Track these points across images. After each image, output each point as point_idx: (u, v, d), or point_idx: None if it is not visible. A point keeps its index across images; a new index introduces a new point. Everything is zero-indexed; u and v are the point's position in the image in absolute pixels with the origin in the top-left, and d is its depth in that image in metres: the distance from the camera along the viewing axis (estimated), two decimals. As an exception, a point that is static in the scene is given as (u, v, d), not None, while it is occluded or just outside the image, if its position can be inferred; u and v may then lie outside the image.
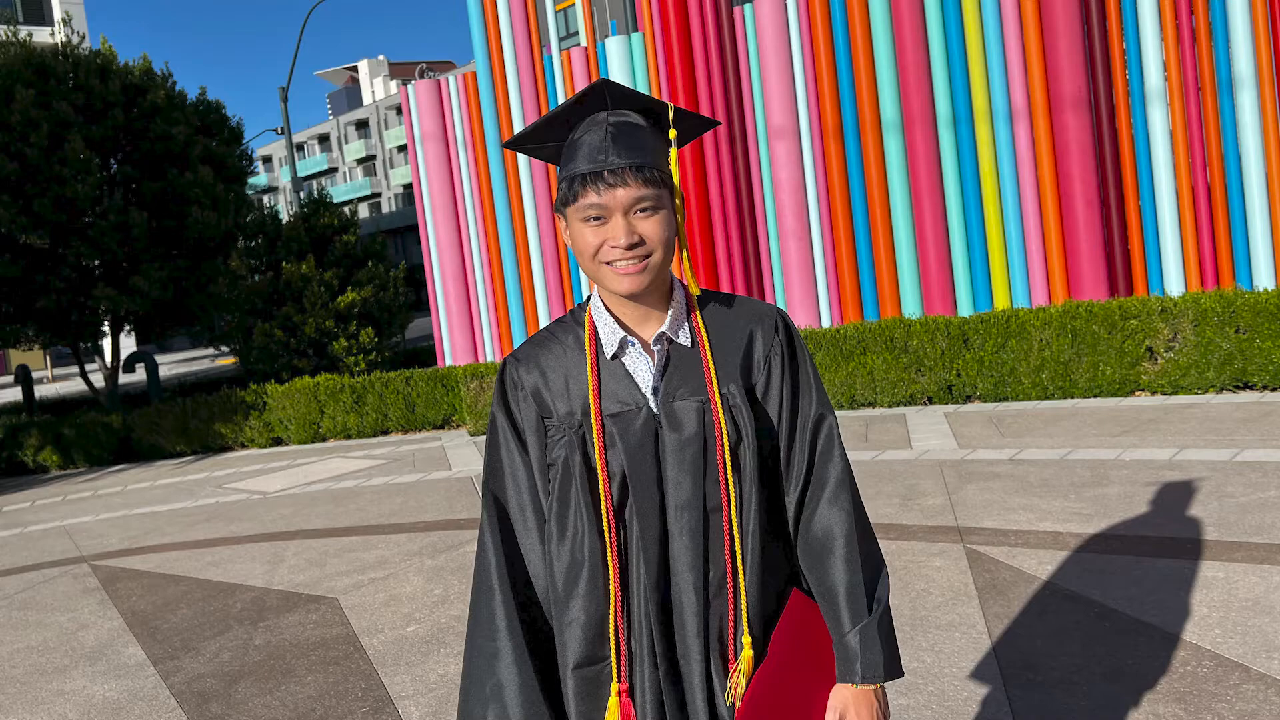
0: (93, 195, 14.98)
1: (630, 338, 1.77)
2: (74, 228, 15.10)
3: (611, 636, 1.73)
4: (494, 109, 11.89)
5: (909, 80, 9.78)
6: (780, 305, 10.38)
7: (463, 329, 12.58)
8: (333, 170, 77.35)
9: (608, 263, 1.70)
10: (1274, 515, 4.96)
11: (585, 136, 1.71)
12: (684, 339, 1.78)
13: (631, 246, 1.67)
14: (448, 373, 11.61)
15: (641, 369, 1.77)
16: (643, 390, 1.76)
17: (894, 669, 1.73)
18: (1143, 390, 8.29)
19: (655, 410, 1.75)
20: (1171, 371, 8.05)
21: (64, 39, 16.16)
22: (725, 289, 10.64)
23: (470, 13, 11.86)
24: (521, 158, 11.72)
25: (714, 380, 1.74)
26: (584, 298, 1.85)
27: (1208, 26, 8.85)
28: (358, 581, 5.93)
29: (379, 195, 73.27)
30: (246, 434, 12.57)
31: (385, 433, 12.02)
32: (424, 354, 15.71)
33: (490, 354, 12.43)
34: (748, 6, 10.52)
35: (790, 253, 10.38)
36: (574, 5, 41.84)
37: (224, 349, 17.17)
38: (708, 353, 1.76)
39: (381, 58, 77.26)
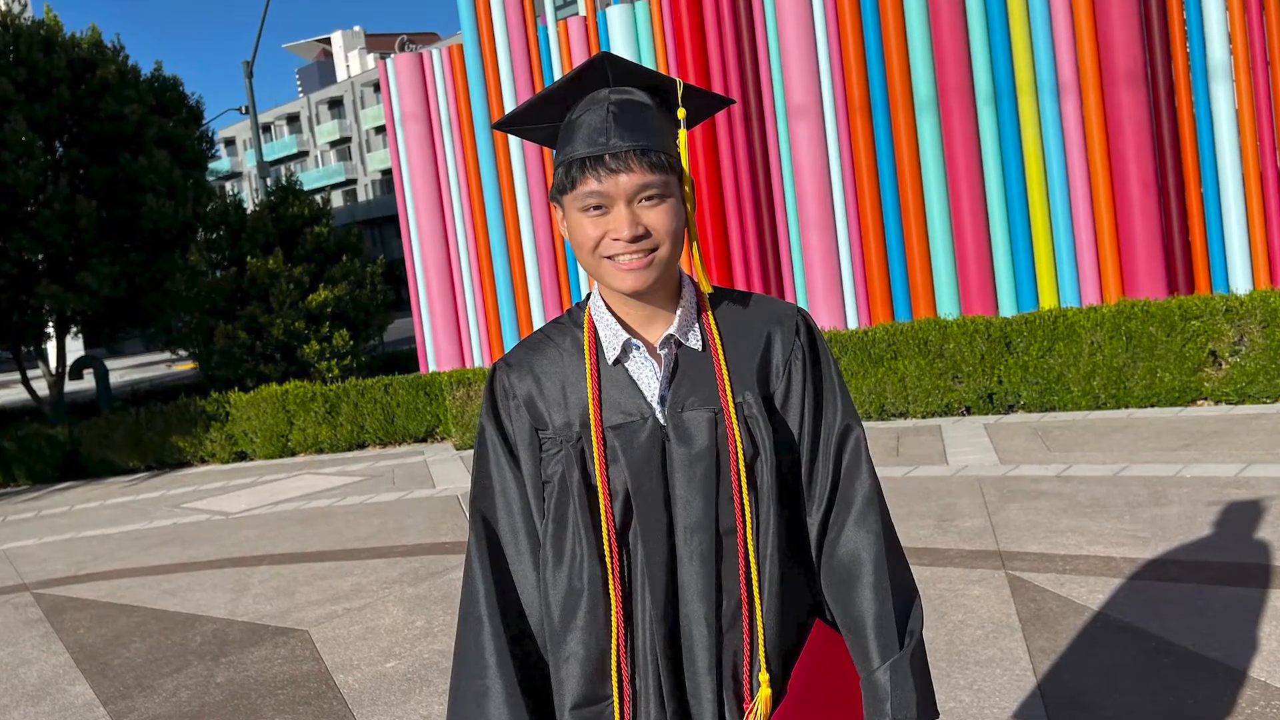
0: (36, 182, 15.00)
1: (634, 340, 1.77)
2: (14, 218, 15.12)
3: (614, 673, 1.74)
4: (482, 86, 11.91)
5: (945, 51, 9.78)
6: (801, 304, 10.39)
7: (448, 331, 12.60)
8: (303, 154, 77.48)
9: (609, 257, 1.70)
10: (1353, 538, 4.96)
11: (584, 117, 1.71)
12: (694, 342, 1.78)
13: (635, 239, 1.68)
14: (431, 380, 11.62)
15: (647, 375, 1.77)
16: (648, 399, 1.76)
17: (928, 709, 1.73)
18: (1205, 399, 8.28)
19: (662, 421, 1.75)
20: (1237, 378, 8.04)
21: (3, 8, 16.20)
22: (740, 286, 10.65)
23: (456, -21, 11.89)
24: (513, 140, 11.74)
25: (727, 388, 1.75)
26: (583, 296, 1.85)
27: (1278, -7, 8.84)
28: (331, 612, 5.94)
29: (354, 182, 73.38)
30: (207, 448, 12.59)
31: (361, 446, 12.03)
32: (405, 359, 15.74)
33: (478, 359, 12.44)
34: (765, -29, 10.53)
35: (812, 245, 10.39)
36: (571, -30, 41.90)
37: (182, 353, 17.18)
38: (720, 357, 1.77)
39: (357, 29, 77.42)
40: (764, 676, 1.72)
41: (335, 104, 75.10)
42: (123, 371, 34.18)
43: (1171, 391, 8.27)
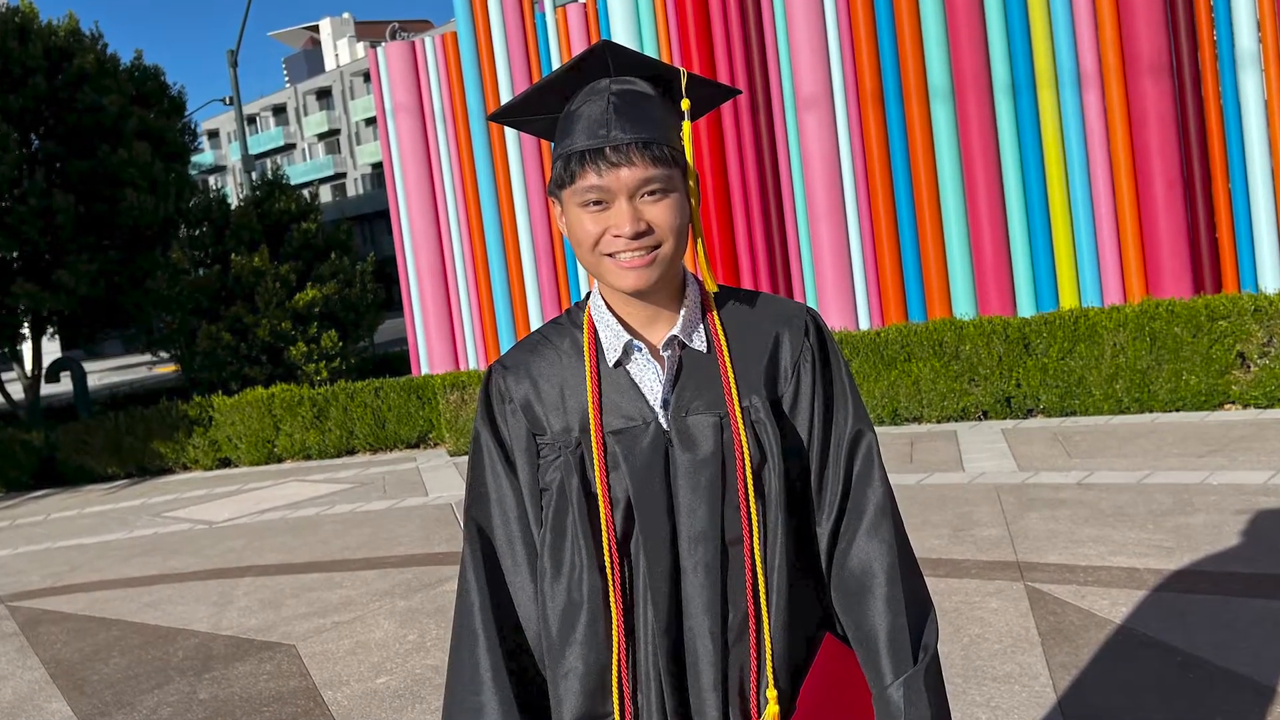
0: (10, 176, 15.03)
1: (636, 342, 1.77)
2: (-11, 214, 15.17)
3: (615, 689, 1.73)
4: (477, 76, 11.92)
5: (961, 38, 9.78)
6: (811, 304, 10.39)
7: (441, 332, 12.60)
8: (290, 147, 77.56)
9: (610, 254, 1.70)
10: (1388, 549, 4.95)
11: (583, 108, 1.71)
12: (699, 343, 1.78)
13: (637, 235, 1.68)
14: (424, 383, 11.63)
15: (649, 378, 1.77)
16: (650, 403, 1.76)
17: (943, 727, 1.73)
18: (1233, 403, 8.28)
19: (665, 426, 1.75)
20: (1266, 381, 8.03)
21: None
22: (747, 285, 10.65)
23: (449, -36, 11.90)
24: (510, 132, 11.75)
25: (734, 391, 1.75)
26: (582, 295, 1.85)
27: (1309, -22, 8.84)
28: (319, 626, 5.94)
29: (343, 176, 73.46)
30: (189, 454, 12.59)
31: (351, 452, 12.03)
32: (396, 361, 15.75)
33: (473, 361, 12.44)
34: (772, -44, 10.53)
35: (823, 243, 10.39)
36: (570, -45, 41.91)
37: (163, 355, 17.22)
38: (726, 359, 1.77)
39: (346, 16, 77.51)
40: (771, 693, 1.72)
41: (323, 95, 75.16)
42: (101, 374, 34.22)
43: (1197, 395, 8.27)
